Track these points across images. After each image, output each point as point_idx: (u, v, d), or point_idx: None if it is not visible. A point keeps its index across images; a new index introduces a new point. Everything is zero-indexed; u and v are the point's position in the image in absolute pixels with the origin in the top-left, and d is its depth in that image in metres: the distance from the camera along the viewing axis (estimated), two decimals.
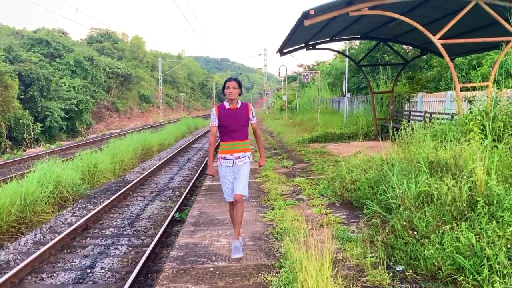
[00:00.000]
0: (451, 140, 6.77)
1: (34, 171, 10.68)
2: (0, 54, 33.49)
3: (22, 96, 34.07)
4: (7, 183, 9.84)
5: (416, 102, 17.36)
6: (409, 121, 14.02)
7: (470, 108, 8.58)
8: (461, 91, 9.86)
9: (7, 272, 6.25)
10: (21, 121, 31.29)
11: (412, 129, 7.72)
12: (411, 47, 23.14)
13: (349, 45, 30.25)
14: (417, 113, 15.87)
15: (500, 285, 3.32)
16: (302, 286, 3.61)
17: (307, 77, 27.42)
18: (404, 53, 26.30)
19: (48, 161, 11.52)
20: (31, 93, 35.11)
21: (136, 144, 18.51)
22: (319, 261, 3.66)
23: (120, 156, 15.79)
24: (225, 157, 5.08)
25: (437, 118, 9.80)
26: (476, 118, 7.56)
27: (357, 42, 30.62)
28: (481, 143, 6.27)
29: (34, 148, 27.35)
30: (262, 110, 68.73)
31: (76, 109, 41.20)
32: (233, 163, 5.06)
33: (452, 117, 11.02)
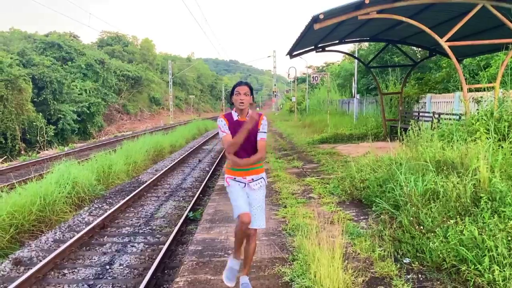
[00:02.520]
0: (457, 140, 6.97)
1: (52, 172, 11.01)
2: (14, 58, 34.07)
3: (36, 99, 34.64)
4: (27, 183, 10.18)
5: (425, 103, 17.51)
6: (417, 122, 14.17)
7: (477, 109, 8.77)
8: (469, 92, 10.04)
9: (31, 268, 6.54)
10: (34, 123, 31.82)
11: (419, 129, 7.92)
12: (420, 48, 23.23)
13: (358, 46, 30.40)
14: (426, 114, 16.03)
15: (499, 274, 3.54)
16: (315, 276, 3.87)
17: (316, 79, 27.65)
18: (414, 54, 26.40)
19: (65, 163, 11.84)
20: (44, 96, 35.69)
21: (148, 146, 18.84)
22: (331, 253, 3.90)
23: (133, 158, 16.13)
24: (234, 178, 4.15)
25: (445, 119, 9.99)
26: (482, 118, 7.76)
27: (366, 43, 30.75)
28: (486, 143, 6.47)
29: (48, 150, 27.84)
30: (271, 111, 68.96)
31: (88, 111, 41.77)
32: (246, 185, 4.13)
33: (460, 117, 11.19)
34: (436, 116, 13.08)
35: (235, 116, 4.05)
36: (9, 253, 7.46)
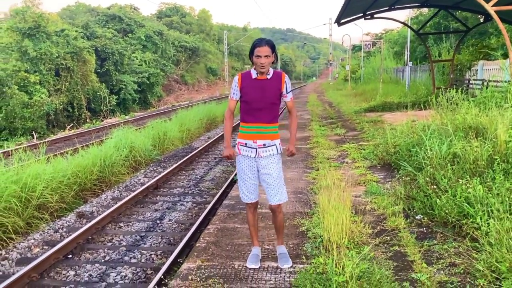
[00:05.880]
0: (490, 107, 7.07)
1: (111, 138, 12.00)
2: (79, 31, 35.83)
3: (99, 70, 36.35)
4: (89, 147, 11.22)
5: (477, 70, 17.05)
6: (467, 90, 13.96)
7: None
8: None
9: (92, 221, 7.45)
10: (98, 93, 33.59)
11: (448, 96, 8.03)
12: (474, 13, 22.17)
13: (418, 12, 29.44)
14: (476, 81, 15.66)
15: (493, 226, 3.86)
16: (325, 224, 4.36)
17: (369, 46, 27.27)
18: (476, 19, 25.20)
19: (123, 129, 12.82)
20: (107, 67, 37.38)
21: (202, 115, 19.71)
22: (341, 204, 4.37)
23: (187, 126, 17.03)
24: (245, 144, 3.87)
25: (490, 86, 9.91)
26: None
27: (426, 9, 29.66)
28: None
29: (110, 118, 29.55)
30: (327, 81, 68.36)
31: (148, 82, 43.25)
32: (256, 153, 3.83)
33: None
34: (485, 83, 12.85)
35: (254, 74, 3.78)
36: (74, 208, 8.46)
